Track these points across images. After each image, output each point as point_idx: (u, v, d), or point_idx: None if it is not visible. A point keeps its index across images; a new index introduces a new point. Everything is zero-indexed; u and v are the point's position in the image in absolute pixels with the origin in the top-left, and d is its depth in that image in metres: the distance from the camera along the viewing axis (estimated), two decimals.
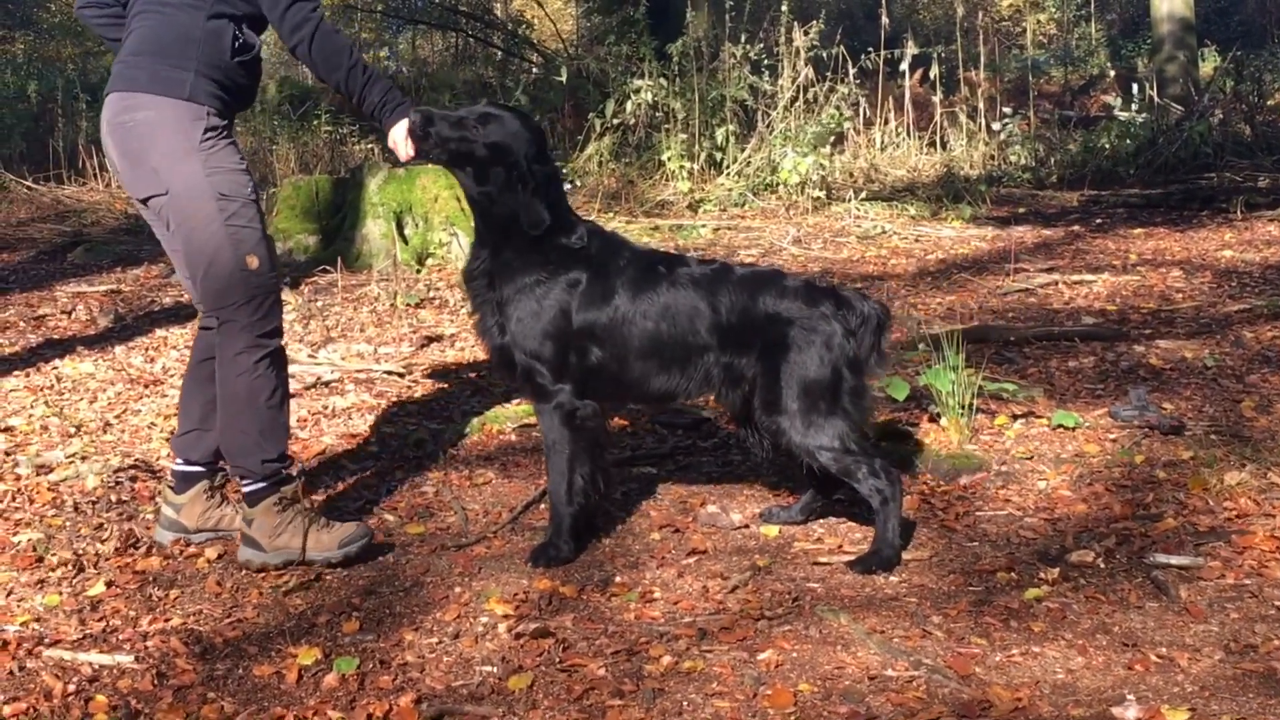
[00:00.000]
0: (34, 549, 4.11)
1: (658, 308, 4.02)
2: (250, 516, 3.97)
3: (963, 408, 4.99)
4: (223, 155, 3.81)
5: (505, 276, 3.99)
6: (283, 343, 4.01)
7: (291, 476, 4.04)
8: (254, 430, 3.93)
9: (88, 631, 3.55)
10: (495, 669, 3.32)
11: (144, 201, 3.88)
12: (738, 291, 4.05)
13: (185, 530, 4.14)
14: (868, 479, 3.97)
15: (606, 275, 4.02)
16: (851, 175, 12.49)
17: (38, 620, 3.62)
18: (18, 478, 4.75)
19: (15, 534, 4.24)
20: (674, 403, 4.44)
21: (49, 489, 4.64)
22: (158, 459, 5.00)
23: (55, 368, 6.34)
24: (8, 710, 3.08)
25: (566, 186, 11.39)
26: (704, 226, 10.45)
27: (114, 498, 4.56)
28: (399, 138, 3.96)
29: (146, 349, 6.74)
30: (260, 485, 3.96)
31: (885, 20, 13.57)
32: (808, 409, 3.97)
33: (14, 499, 4.55)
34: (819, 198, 11.27)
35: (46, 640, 3.48)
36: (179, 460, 4.20)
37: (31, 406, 5.66)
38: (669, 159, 11.91)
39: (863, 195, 11.37)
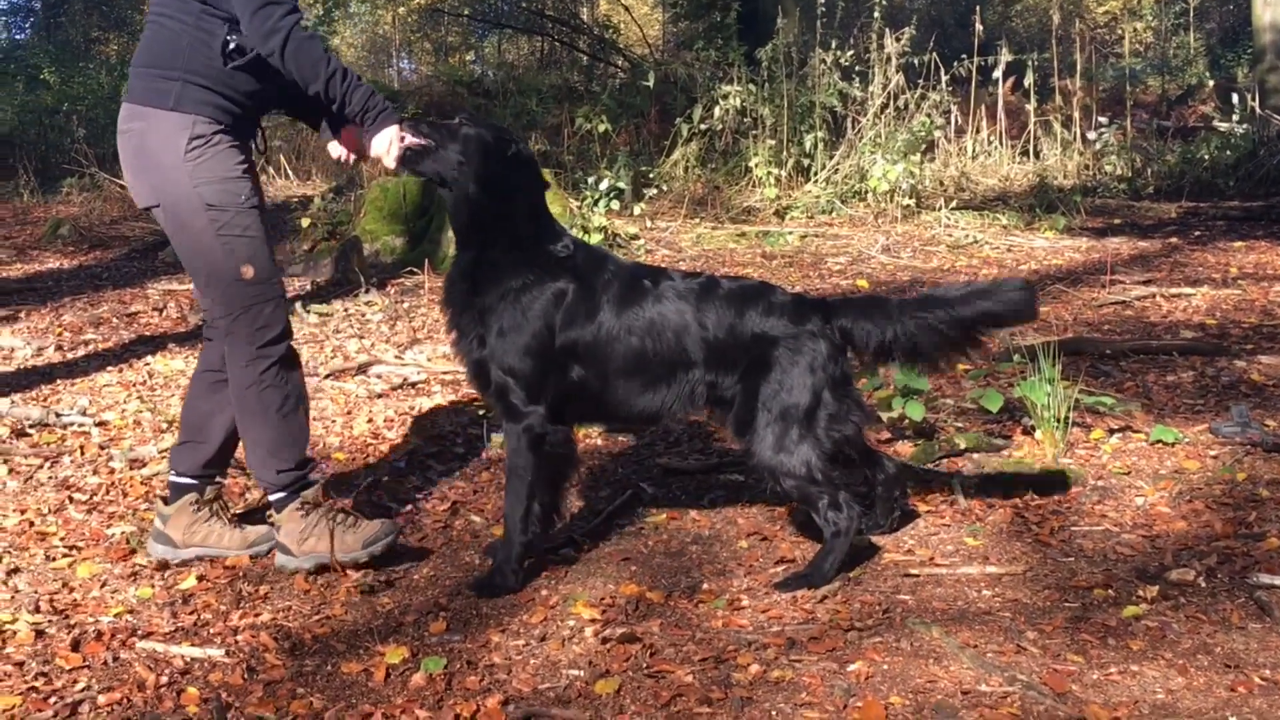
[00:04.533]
0: (127, 542, 4.17)
1: (643, 323, 3.89)
2: (278, 524, 3.96)
3: (1058, 421, 4.88)
4: (212, 164, 3.73)
5: (490, 279, 3.86)
6: (288, 348, 3.93)
7: (311, 481, 4.00)
8: (268, 441, 3.92)
9: (179, 625, 3.59)
10: (582, 673, 3.29)
11: (146, 211, 3.89)
12: (724, 308, 3.94)
13: (172, 544, 4.03)
14: (827, 510, 3.89)
15: (592, 289, 3.89)
16: (942, 184, 12.34)
17: (131, 612, 3.66)
18: (111, 471, 4.82)
19: (109, 527, 4.31)
20: (657, 424, 4.31)
21: (142, 483, 4.72)
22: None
23: (147, 364, 6.44)
24: (102, 699, 3.12)
25: (651, 191, 11.40)
26: (790, 233, 10.38)
27: None
28: (381, 147, 3.84)
29: None
30: (281, 494, 3.96)
31: (979, 27, 13.38)
32: (780, 433, 3.87)
33: (108, 492, 4.63)
34: (908, 206, 11.15)
35: (139, 632, 3.52)
36: (172, 471, 4.14)
37: (125, 401, 5.75)
38: (756, 165, 11.84)
39: (953, 204, 11.23)
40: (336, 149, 4.08)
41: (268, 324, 3.86)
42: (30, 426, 5.27)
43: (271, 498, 3.99)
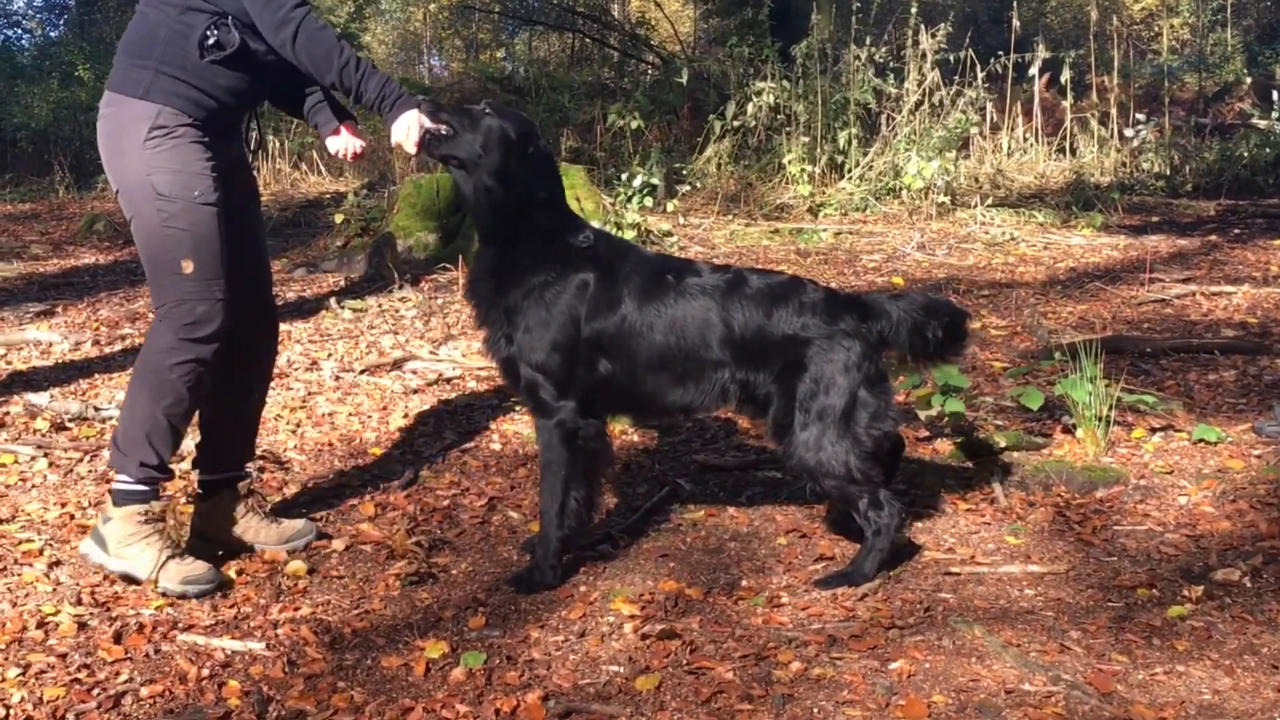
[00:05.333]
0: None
1: (665, 320, 3.85)
2: (109, 515, 3.82)
3: (1099, 419, 4.84)
4: (170, 155, 3.67)
5: (513, 277, 3.83)
6: (213, 353, 3.80)
7: (161, 493, 3.87)
8: (142, 430, 3.76)
9: (220, 618, 3.59)
10: (622, 669, 3.28)
11: (117, 194, 3.84)
12: (752, 307, 3.88)
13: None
14: (867, 510, 3.85)
15: (615, 279, 3.85)
16: (977, 181, 12.26)
17: (171, 605, 3.67)
18: None
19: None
20: (690, 416, 4.27)
21: (180, 478, 4.71)
22: (284, 450, 5.07)
23: None
24: (144, 692, 3.13)
25: (684, 188, 11.37)
26: (824, 230, 10.34)
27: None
28: (401, 132, 3.77)
29: None
30: (130, 486, 3.80)
31: (1016, 23, 13.30)
32: (819, 434, 3.82)
33: None
34: (943, 203, 11.08)
35: (180, 625, 3.53)
36: (200, 472, 4.14)
37: None
38: (789, 162, 11.79)
39: (989, 201, 11.16)
40: (335, 144, 4.05)
41: (198, 321, 3.75)
42: (69, 420, 5.30)
43: (116, 485, 3.83)
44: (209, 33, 3.66)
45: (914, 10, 12.43)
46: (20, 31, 23.34)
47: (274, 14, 3.63)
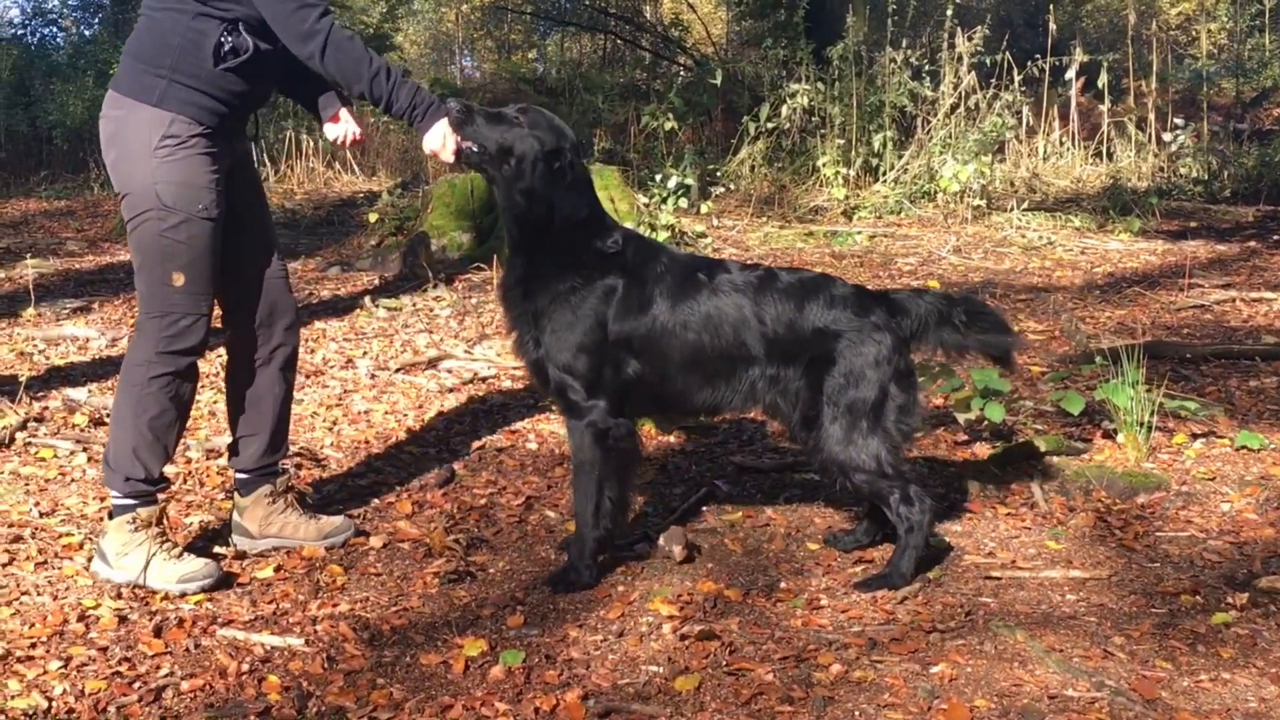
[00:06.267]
0: (204, 531, 4.19)
1: (699, 317, 3.84)
2: (105, 529, 3.83)
3: (1140, 424, 4.79)
4: (178, 166, 3.64)
5: (540, 284, 3.82)
6: (191, 365, 3.81)
7: (154, 500, 3.85)
8: (128, 445, 3.76)
9: (259, 613, 3.60)
10: (661, 669, 3.27)
11: (121, 198, 3.81)
12: (783, 301, 3.87)
13: (250, 535, 4.08)
14: (899, 505, 3.83)
15: (643, 282, 3.84)
16: (1013, 185, 12.18)
17: (210, 600, 3.68)
18: (188, 461, 4.86)
19: (187, 515, 4.34)
20: (718, 415, 4.26)
21: (218, 473, 4.74)
22: (321, 448, 5.07)
23: (220, 356, 6.44)
24: (185, 686, 3.13)
25: (718, 190, 11.35)
26: (859, 233, 10.30)
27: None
28: (435, 142, 3.78)
29: (306, 340, 6.84)
30: (121, 501, 3.80)
31: (1052, 26, 13.21)
32: (849, 427, 3.80)
33: (185, 481, 4.66)
34: (979, 207, 11.02)
35: (219, 620, 3.54)
36: (236, 470, 4.16)
37: (199, 391, 5.77)
38: (824, 165, 11.76)
39: (1024, 205, 11.09)
40: (333, 130, 4.02)
41: (179, 335, 3.74)
42: (107, 415, 5.31)
43: (113, 500, 3.85)
44: (223, 40, 3.63)
45: (949, 13, 12.37)
46: (56, 30, 23.51)
47: (299, 26, 3.61)
